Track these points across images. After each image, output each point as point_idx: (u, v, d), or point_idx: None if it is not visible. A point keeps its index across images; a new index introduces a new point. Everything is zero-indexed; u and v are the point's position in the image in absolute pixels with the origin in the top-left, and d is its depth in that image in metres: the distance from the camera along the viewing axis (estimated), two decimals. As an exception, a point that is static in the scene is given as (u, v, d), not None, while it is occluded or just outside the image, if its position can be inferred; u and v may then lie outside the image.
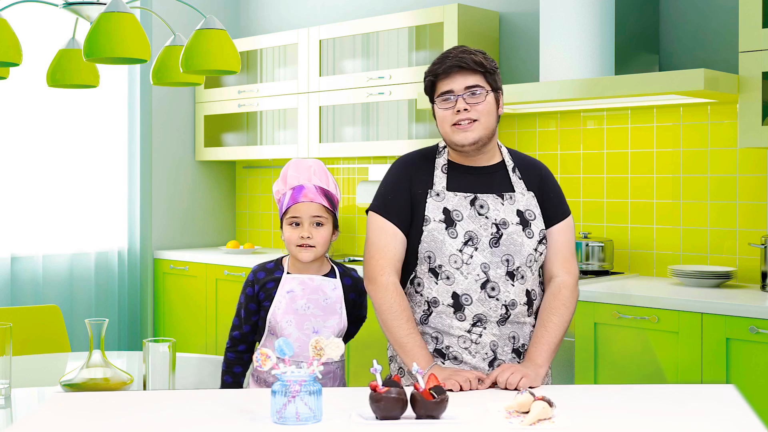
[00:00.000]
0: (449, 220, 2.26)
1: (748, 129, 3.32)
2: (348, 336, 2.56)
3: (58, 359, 3.00)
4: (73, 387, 2.28)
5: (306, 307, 2.43)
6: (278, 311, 2.42)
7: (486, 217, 2.26)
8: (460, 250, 2.24)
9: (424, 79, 2.32)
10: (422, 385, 1.82)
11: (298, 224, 2.43)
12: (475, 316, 2.25)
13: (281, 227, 2.49)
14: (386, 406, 1.79)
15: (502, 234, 2.26)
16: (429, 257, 2.26)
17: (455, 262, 2.24)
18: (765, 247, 3.40)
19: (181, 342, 5.00)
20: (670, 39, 3.87)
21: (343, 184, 5.06)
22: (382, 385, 1.80)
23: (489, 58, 2.29)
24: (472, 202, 2.27)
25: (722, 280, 3.51)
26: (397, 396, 1.79)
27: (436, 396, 1.79)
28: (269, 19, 5.49)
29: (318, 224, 2.43)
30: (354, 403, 1.91)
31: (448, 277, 2.25)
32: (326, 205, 2.45)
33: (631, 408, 1.95)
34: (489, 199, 2.28)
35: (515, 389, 2.09)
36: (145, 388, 2.18)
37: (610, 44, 3.68)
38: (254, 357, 1.87)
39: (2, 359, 2.24)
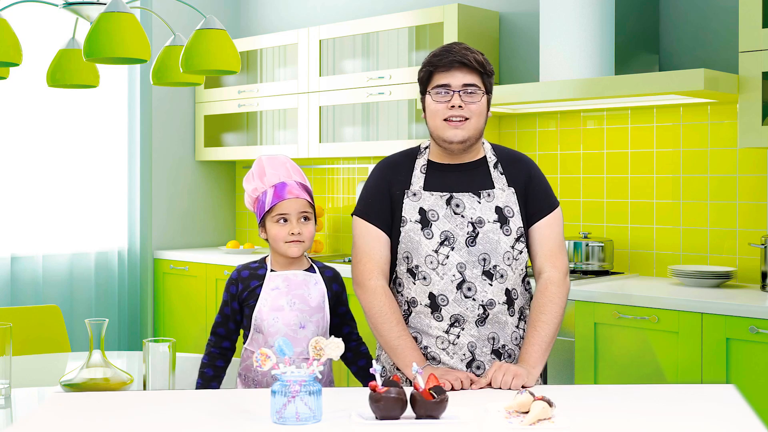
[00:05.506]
0: (425, 221, 2.26)
1: (748, 129, 3.32)
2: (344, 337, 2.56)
3: (58, 359, 3.00)
4: (73, 387, 2.28)
5: (291, 303, 2.43)
6: (264, 309, 2.43)
7: (462, 216, 2.26)
8: (436, 251, 2.24)
9: (422, 68, 2.30)
10: (422, 385, 1.82)
11: (285, 221, 2.44)
12: (452, 316, 2.24)
13: (262, 225, 2.48)
14: (386, 406, 1.79)
15: (478, 233, 2.25)
16: (407, 258, 2.27)
17: (431, 262, 2.24)
18: (765, 247, 3.40)
19: (181, 342, 5.00)
20: (670, 39, 3.87)
21: (342, 184, 5.06)
22: (382, 385, 1.80)
23: (488, 60, 2.29)
24: (448, 202, 2.27)
25: (722, 280, 3.51)
26: (396, 396, 1.79)
27: (436, 396, 1.79)
28: (269, 19, 5.48)
29: (305, 219, 2.46)
30: (354, 403, 1.91)
31: (424, 278, 2.25)
32: (309, 200, 2.47)
33: (631, 408, 1.95)
34: (465, 198, 2.27)
35: (509, 389, 2.10)
36: (145, 388, 2.18)
37: (610, 44, 3.68)
38: (254, 357, 1.87)
39: (2, 359, 2.24)
